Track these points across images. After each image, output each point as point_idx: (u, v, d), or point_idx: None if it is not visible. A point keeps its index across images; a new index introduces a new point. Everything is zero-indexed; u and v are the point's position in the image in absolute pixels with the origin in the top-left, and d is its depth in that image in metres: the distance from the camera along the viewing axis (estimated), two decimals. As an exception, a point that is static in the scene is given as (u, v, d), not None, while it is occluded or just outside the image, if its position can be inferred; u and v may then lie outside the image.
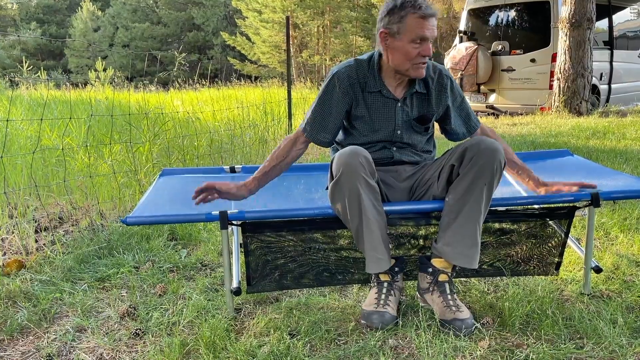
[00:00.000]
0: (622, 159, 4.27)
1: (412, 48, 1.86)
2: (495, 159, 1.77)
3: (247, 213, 1.86)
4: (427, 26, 1.84)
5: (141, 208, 1.99)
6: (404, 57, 1.88)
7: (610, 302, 1.96)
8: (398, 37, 1.88)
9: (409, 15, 1.84)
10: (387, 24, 1.90)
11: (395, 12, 1.88)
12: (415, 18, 1.84)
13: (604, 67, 8.98)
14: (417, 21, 1.84)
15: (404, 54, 1.88)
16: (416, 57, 1.87)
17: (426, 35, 1.85)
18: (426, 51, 1.87)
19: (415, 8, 1.83)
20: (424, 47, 1.86)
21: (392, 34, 1.89)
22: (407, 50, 1.87)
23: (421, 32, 1.84)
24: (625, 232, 2.65)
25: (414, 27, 1.84)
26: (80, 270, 2.40)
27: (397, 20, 1.87)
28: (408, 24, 1.85)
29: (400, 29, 1.87)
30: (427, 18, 1.84)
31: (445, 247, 1.87)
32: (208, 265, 2.51)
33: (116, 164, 3.44)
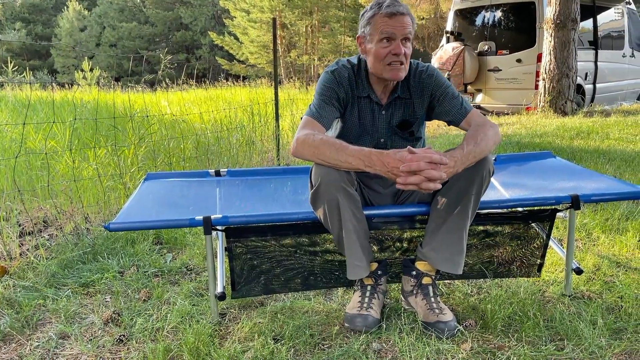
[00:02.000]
0: (605, 159, 4.32)
1: (382, 48, 1.85)
2: (485, 168, 1.78)
3: (230, 218, 1.86)
4: (393, 24, 1.82)
5: (125, 213, 1.98)
6: (376, 59, 1.87)
7: (590, 303, 1.98)
8: (369, 39, 1.89)
9: (375, 16, 1.85)
10: (360, 29, 1.93)
11: (364, 15, 1.90)
12: (380, 17, 1.83)
13: (588, 67, 9.07)
14: (383, 20, 1.83)
15: (375, 55, 1.87)
16: (387, 57, 1.85)
17: (393, 33, 1.82)
18: (396, 49, 1.83)
19: (381, 8, 1.83)
20: (394, 46, 1.83)
21: (364, 38, 1.91)
22: (377, 51, 1.86)
23: (387, 30, 1.82)
24: (606, 233, 2.69)
25: (380, 26, 1.84)
26: (64, 276, 2.39)
27: (367, 22, 1.88)
28: (374, 24, 1.85)
29: (370, 31, 1.87)
30: (393, 16, 1.82)
31: (431, 252, 1.88)
32: (193, 269, 2.51)
33: (101, 167, 3.42)
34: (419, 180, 1.62)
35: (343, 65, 2.00)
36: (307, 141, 1.79)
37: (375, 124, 2.02)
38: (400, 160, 1.63)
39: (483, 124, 1.89)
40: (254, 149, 4.98)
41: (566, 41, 7.53)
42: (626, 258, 2.42)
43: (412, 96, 2.00)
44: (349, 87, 1.97)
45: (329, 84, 1.95)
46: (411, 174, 1.62)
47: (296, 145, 1.82)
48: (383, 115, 2.01)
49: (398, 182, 1.64)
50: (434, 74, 1.99)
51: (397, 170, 1.63)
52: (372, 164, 1.68)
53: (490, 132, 1.84)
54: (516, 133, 6.00)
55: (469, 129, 1.89)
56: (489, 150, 1.81)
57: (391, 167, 1.65)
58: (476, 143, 1.77)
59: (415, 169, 1.61)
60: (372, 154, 1.68)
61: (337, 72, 1.96)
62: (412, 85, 1.99)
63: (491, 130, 1.85)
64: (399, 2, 1.86)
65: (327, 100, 1.92)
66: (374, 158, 1.67)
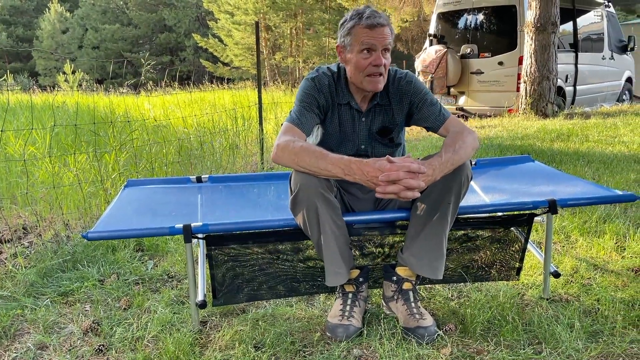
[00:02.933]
0: (585, 161, 4.38)
1: (362, 59, 1.86)
2: (463, 174, 1.80)
3: (211, 226, 1.86)
4: (373, 35, 1.84)
5: (104, 222, 1.97)
6: (356, 69, 1.89)
7: (568, 306, 2.01)
8: (349, 49, 1.90)
9: (355, 27, 1.86)
10: (340, 38, 1.93)
11: (344, 25, 1.90)
12: (361, 28, 1.85)
13: (569, 69, 9.19)
14: (363, 31, 1.84)
15: (355, 65, 1.89)
16: (368, 68, 1.86)
17: (373, 44, 1.84)
18: (377, 60, 1.85)
19: (362, 19, 1.84)
20: (374, 57, 1.85)
21: (344, 47, 1.92)
22: (357, 61, 1.88)
23: (367, 41, 1.84)
24: (584, 236, 2.73)
25: (360, 37, 1.85)
26: (43, 285, 2.36)
27: (347, 32, 1.89)
28: (355, 35, 1.86)
29: (350, 41, 1.88)
30: (374, 28, 1.84)
31: (411, 257, 1.89)
32: (175, 276, 2.49)
33: (82, 173, 3.38)
34: (398, 189, 1.63)
35: (323, 72, 2.01)
36: (287, 148, 1.79)
37: (355, 131, 2.03)
38: (379, 170, 1.64)
39: (461, 130, 1.91)
40: (238, 153, 4.97)
41: (547, 44, 7.63)
42: (603, 260, 2.46)
43: (392, 103, 2.02)
44: (329, 94, 1.98)
45: (309, 91, 1.96)
46: (390, 183, 1.63)
47: (276, 151, 1.82)
48: (363, 122, 2.02)
49: (377, 191, 1.65)
50: (412, 80, 2.00)
51: (376, 180, 1.64)
52: (352, 172, 1.69)
53: (468, 139, 1.86)
54: (498, 135, 6.07)
55: (447, 136, 1.91)
56: (468, 157, 1.83)
57: (370, 176, 1.66)
58: (454, 150, 1.79)
59: (394, 178, 1.62)
60: (351, 163, 1.69)
61: (317, 79, 1.97)
62: (391, 92, 2.01)
63: (469, 137, 1.87)
64: (379, 12, 1.88)
65: (308, 106, 1.93)
66: (354, 167, 1.68)
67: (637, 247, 2.53)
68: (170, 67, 36.37)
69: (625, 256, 2.49)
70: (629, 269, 2.35)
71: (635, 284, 2.19)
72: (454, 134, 1.90)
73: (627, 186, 3.58)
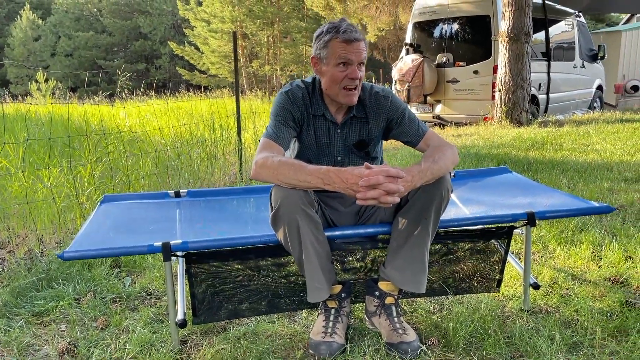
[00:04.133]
0: (560, 170, 4.46)
1: (338, 72, 1.87)
2: (443, 187, 1.81)
3: (190, 243, 1.83)
4: (350, 50, 1.85)
5: (79, 240, 1.92)
6: (332, 81, 1.90)
7: (548, 318, 2.03)
8: (325, 62, 1.90)
9: (332, 40, 1.86)
10: (316, 50, 1.93)
11: (320, 37, 1.90)
12: (338, 42, 1.85)
13: (542, 78, 9.37)
14: (340, 45, 1.85)
15: (330, 78, 1.89)
16: (343, 81, 1.87)
17: (350, 58, 1.85)
18: (353, 74, 1.86)
19: (339, 33, 1.85)
20: (350, 70, 1.86)
21: (320, 59, 1.92)
22: (333, 74, 1.88)
23: (344, 55, 1.85)
24: (562, 246, 2.77)
25: (337, 51, 1.85)
26: (17, 305, 2.29)
27: (323, 45, 1.89)
28: (331, 48, 1.87)
29: (326, 54, 1.89)
30: (350, 42, 1.84)
31: (394, 271, 1.89)
32: (153, 293, 2.45)
33: (56, 187, 3.31)
34: (378, 194, 1.63)
35: (297, 85, 2.01)
36: (265, 164, 1.78)
37: (331, 143, 2.03)
38: (358, 176, 1.64)
39: (441, 145, 1.93)
40: (216, 163, 4.93)
41: (520, 54, 7.77)
42: (581, 270, 2.50)
43: (368, 116, 2.02)
44: (304, 107, 1.98)
45: (283, 104, 1.95)
46: (370, 189, 1.63)
47: (255, 168, 1.81)
48: (339, 133, 2.02)
49: (358, 197, 1.64)
50: (389, 96, 2.02)
51: (356, 186, 1.64)
52: (331, 181, 1.68)
53: (448, 152, 1.87)
54: (474, 144, 6.14)
55: (428, 149, 1.92)
56: (447, 168, 1.84)
57: (350, 184, 1.65)
58: (434, 160, 1.80)
59: (374, 183, 1.61)
60: (330, 172, 1.68)
61: (291, 93, 1.97)
62: (368, 106, 2.01)
63: (449, 150, 1.89)
64: (354, 27, 1.89)
65: (283, 121, 1.93)
66: (333, 175, 1.67)
67: (613, 257, 2.58)
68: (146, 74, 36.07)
69: (602, 265, 2.53)
70: (605, 279, 2.39)
71: (612, 294, 2.23)
72: (433, 148, 1.91)
73: (601, 195, 3.65)
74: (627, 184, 3.94)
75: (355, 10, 16.34)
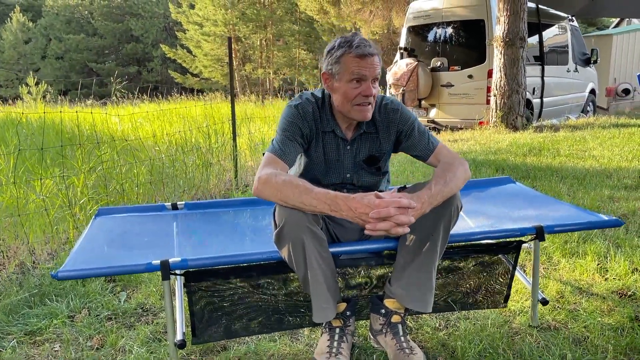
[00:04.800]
0: (558, 177, 4.42)
1: (351, 88, 1.80)
2: (453, 205, 1.76)
3: (190, 261, 1.76)
4: (364, 65, 1.78)
5: (74, 257, 1.84)
6: (344, 98, 1.83)
7: (557, 335, 1.98)
8: (337, 78, 1.83)
9: (344, 56, 1.79)
10: (327, 66, 1.85)
11: (332, 53, 1.83)
12: (351, 57, 1.78)
13: (536, 82, 9.38)
14: (353, 60, 1.78)
15: (343, 94, 1.83)
16: (356, 98, 1.81)
17: (364, 74, 1.78)
18: (367, 91, 1.80)
19: (352, 47, 1.78)
20: (364, 87, 1.80)
21: (332, 75, 1.85)
22: (345, 91, 1.82)
23: (357, 71, 1.78)
24: (566, 257, 2.72)
25: (350, 67, 1.79)
26: (8, 323, 2.21)
27: (335, 61, 1.82)
28: (344, 64, 1.80)
29: (338, 70, 1.82)
30: (364, 57, 1.78)
31: (400, 290, 1.83)
32: (150, 309, 2.37)
33: (49, 197, 3.22)
34: (389, 226, 1.57)
35: (307, 99, 1.94)
36: (269, 181, 1.71)
37: (340, 159, 1.97)
38: (368, 206, 1.58)
39: (452, 161, 1.86)
40: (212, 170, 4.86)
41: (515, 59, 7.76)
42: (587, 283, 2.45)
43: (379, 131, 1.97)
44: (313, 122, 1.91)
45: (292, 119, 1.88)
46: (380, 220, 1.57)
47: (258, 185, 1.74)
48: (348, 150, 1.96)
49: (367, 228, 1.59)
50: (399, 108, 1.96)
51: (365, 216, 1.58)
52: (339, 208, 1.62)
53: (459, 170, 1.81)
54: (471, 150, 6.11)
55: (438, 166, 1.87)
56: (458, 188, 1.79)
57: (359, 213, 1.59)
58: (445, 182, 1.74)
59: (384, 215, 1.56)
60: (338, 198, 1.62)
61: (301, 107, 1.90)
62: (377, 120, 1.96)
63: (460, 168, 1.83)
64: (368, 41, 1.82)
65: (291, 136, 1.86)
66: (341, 202, 1.61)
67: (619, 269, 2.54)
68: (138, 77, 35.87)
69: (609, 278, 2.49)
70: (613, 292, 2.34)
71: (620, 309, 2.18)
72: (444, 165, 1.85)
73: (602, 203, 3.62)
74: (627, 192, 3.91)
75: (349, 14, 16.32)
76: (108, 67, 35.56)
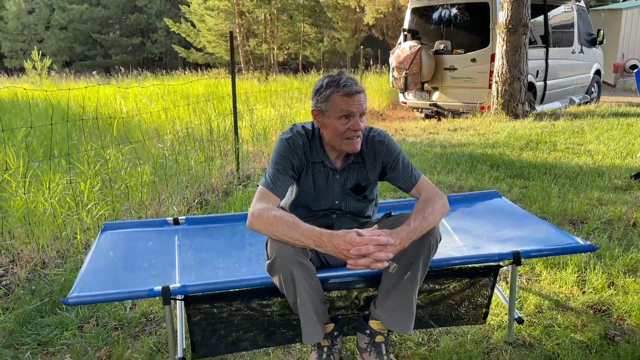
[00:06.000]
0: (552, 176, 4.53)
1: (341, 124, 1.94)
2: (432, 237, 1.89)
3: (189, 287, 1.91)
4: (352, 103, 1.91)
5: (83, 280, 2.00)
6: (334, 134, 1.96)
7: (531, 352, 2.14)
8: (327, 114, 1.96)
9: (333, 94, 1.92)
10: (317, 104, 1.98)
11: (321, 91, 1.96)
12: (339, 96, 1.91)
13: (539, 65, 9.36)
14: (342, 99, 1.91)
15: (333, 130, 1.96)
16: (346, 132, 1.94)
17: (352, 111, 1.92)
18: (355, 126, 1.93)
19: (339, 87, 1.91)
20: (353, 122, 1.93)
21: (321, 112, 1.97)
22: (335, 127, 1.95)
23: (346, 109, 1.91)
24: (548, 268, 2.86)
25: (339, 105, 1.92)
26: (22, 334, 2.38)
27: (324, 99, 1.95)
28: (333, 102, 1.93)
29: (328, 108, 1.95)
30: (351, 95, 1.91)
31: (384, 314, 1.98)
32: (153, 319, 2.54)
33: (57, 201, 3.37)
34: (368, 262, 1.72)
35: (297, 131, 2.06)
36: (262, 217, 1.85)
37: (329, 187, 2.10)
38: (349, 243, 1.72)
39: (432, 196, 1.99)
40: (213, 165, 4.98)
41: (517, 46, 7.76)
42: (565, 296, 2.59)
43: (365, 161, 2.09)
44: (303, 154, 2.04)
45: (283, 153, 2.01)
46: (361, 256, 1.71)
47: (251, 219, 1.88)
48: (337, 179, 2.09)
49: (349, 263, 1.73)
50: (385, 141, 2.08)
51: (347, 252, 1.72)
52: (323, 244, 1.76)
53: (438, 205, 1.94)
54: (470, 142, 6.19)
55: (419, 201, 1.99)
56: (436, 222, 1.91)
57: (341, 249, 1.73)
58: (424, 218, 1.87)
59: (364, 253, 1.70)
60: (322, 235, 1.76)
61: (292, 140, 2.03)
62: (365, 152, 2.08)
63: (439, 202, 1.95)
64: (353, 79, 1.94)
65: (282, 170, 1.99)
66: (325, 240, 1.75)
67: (597, 282, 2.67)
68: (142, 49, 35.65)
69: (586, 291, 2.63)
70: (588, 307, 2.49)
71: (593, 324, 2.33)
72: (424, 200, 1.97)
73: (590, 207, 3.73)
74: (616, 194, 4.02)
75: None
76: (112, 38, 35.36)
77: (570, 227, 3.43)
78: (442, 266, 2.10)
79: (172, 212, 3.91)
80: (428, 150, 5.84)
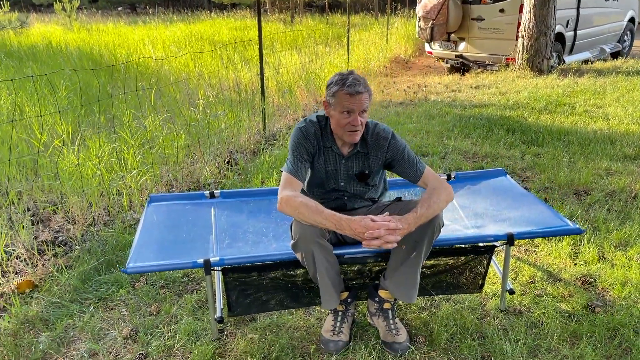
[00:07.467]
0: (564, 143, 4.71)
1: (343, 118, 2.24)
2: (436, 222, 2.20)
3: (226, 260, 2.27)
4: (353, 101, 2.21)
5: (137, 252, 2.37)
6: (337, 125, 2.28)
7: (519, 319, 2.47)
8: (333, 107, 2.27)
9: (338, 92, 2.23)
10: (327, 96, 2.30)
11: (330, 87, 2.27)
12: (343, 94, 2.21)
13: (570, 14, 9.19)
14: (345, 97, 2.21)
15: (336, 122, 2.27)
16: (346, 126, 2.25)
17: (352, 108, 2.21)
18: (354, 122, 2.23)
19: (345, 86, 2.21)
20: (352, 118, 2.23)
21: (329, 104, 2.29)
22: (338, 119, 2.26)
23: (347, 106, 2.21)
24: (545, 241, 3.15)
25: (342, 102, 2.22)
26: (85, 290, 2.81)
27: (331, 94, 2.26)
28: (338, 98, 2.23)
29: (333, 102, 2.26)
30: (354, 95, 2.20)
31: (392, 285, 2.33)
32: (194, 278, 2.94)
33: (103, 164, 3.75)
34: (380, 243, 2.05)
35: (310, 121, 2.38)
36: (289, 202, 2.18)
37: (337, 171, 2.41)
38: (364, 227, 2.05)
39: (437, 186, 2.28)
40: (242, 126, 5.29)
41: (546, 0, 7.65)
42: (558, 268, 2.89)
43: (369, 152, 2.39)
44: (316, 140, 2.36)
45: (298, 140, 2.35)
46: (373, 238, 2.04)
47: (281, 204, 2.22)
48: (343, 164, 2.40)
49: (364, 243, 2.06)
50: (388, 137, 2.36)
51: (362, 235, 2.05)
52: (342, 228, 2.08)
53: (442, 195, 2.23)
54: (490, 102, 6.32)
55: (426, 191, 2.29)
56: (441, 210, 2.22)
57: (358, 232, 2.06)
58: (429, 206, 2.17)
59: (376, 235, 2.03)
60: (342, 220, 2.08)
61: (305, 129, 2.36)
62: (369, 143, 2.37)
63: (444, 193, 2.25)
64: (359, 80, 2.21)
65: (299, 156, 2.32)
66: (344, 224, 2.08)
67: (589, 254, 2.96)
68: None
69: (577, 263, 2.92)
70: (577, 278, 2.79)
71: (578, 296, 2.64)
72: (431, 190, 2.27)
73: (597, 177, 3.94)
74: (624, 164, 4.21)
75: None
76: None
77: (574, 199, 3.67)
78: (444, 245, 2.41)
79: (205, 174, 4.27)
80: (448, 111, 6.01)
